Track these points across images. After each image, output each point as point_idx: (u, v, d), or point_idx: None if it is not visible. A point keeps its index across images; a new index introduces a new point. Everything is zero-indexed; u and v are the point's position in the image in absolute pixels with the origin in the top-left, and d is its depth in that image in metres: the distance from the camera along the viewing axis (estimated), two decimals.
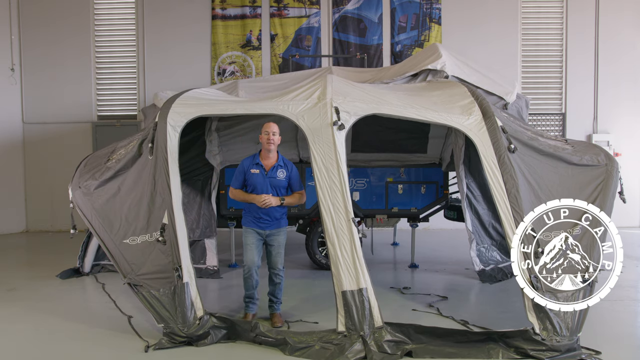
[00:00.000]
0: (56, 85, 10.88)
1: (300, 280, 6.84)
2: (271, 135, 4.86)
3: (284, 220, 5.05)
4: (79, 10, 10.88)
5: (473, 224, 6.76)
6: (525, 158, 4.82)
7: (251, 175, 4.89)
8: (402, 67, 7.27)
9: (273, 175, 4.89)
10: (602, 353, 4.18)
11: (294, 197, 5.00)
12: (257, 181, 4.87)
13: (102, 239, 5.00)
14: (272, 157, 4.93)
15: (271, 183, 4.88)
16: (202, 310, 4.55)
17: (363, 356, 4.15)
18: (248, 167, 4.91)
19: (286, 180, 4.94)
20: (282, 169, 4.92)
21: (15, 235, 10.58)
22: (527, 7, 10.93)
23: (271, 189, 4.88)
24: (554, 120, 10.95)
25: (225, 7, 10.81)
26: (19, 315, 5.36)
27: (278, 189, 4.91)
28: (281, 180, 4.91)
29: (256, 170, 4.88)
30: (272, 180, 4.89)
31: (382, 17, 10.81)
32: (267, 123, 4.91)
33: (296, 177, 5.01)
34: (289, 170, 4.97)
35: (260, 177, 4.87)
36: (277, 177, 4.89)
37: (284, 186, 4.94)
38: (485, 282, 6.52)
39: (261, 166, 4.90)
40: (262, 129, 4.90)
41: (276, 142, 4.89)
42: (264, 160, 4.94)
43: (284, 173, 4.93)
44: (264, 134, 4.88)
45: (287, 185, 4.97)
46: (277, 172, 4.90)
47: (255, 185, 4.88)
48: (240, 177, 4.95)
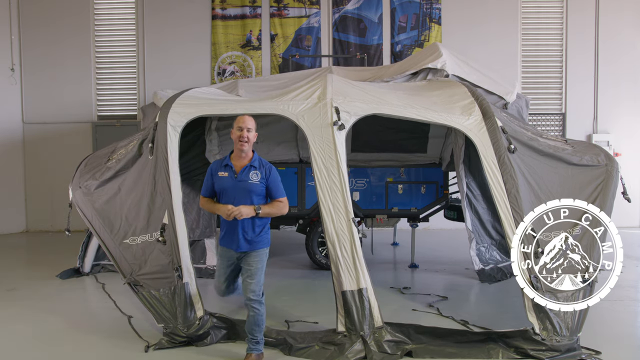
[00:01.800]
0: (56, 85, 10.88)
1: (300, 280, 6.84)
2: (245, 131, 4.03)
3: (264, 238, 4.10)
4: (79, 10, 10.88)
5: (473, 224, 6.76)
6: (525, 158, 4.83)
7: (219, 179, 4.05)
8: (403, 66, 7.28)
9: (244, 178, 4.00)
10: (602, 353, 4.18)
11: (273, 206, 4.07)
12: (225, 186, 4.02)
13: (103, 239, 5.01)
14: (245, 157, 4.08)
15: (241, 188, 3.99)
16: (202, 310, 4.55)
17: (363, 356, 4.15)
18: (216, 170, 4.11)
19: (262, 185, 4.03)
20: (255, 171, 4.03)
21: (15, 235, 10.58)
22: (527, 7, 10.93)
23: (243, 196, 3.98)
24: (554, 120, 10.95)
25: (225, 7, 10.81)
26: (19, 315, 5.36)
27: (251, 196, 3.99)
28: (255, 185, 4.00)
29: (224, 172, 4.05)
30: (243, 185, 3.99)
31: (382, 17, 10.81)
32: (241, 117, 4.13)
33: (276, 181, 4.10)
34: (266, 173, 4.07)
35: (228, 181, 4.02)
36: (249, 181, 3.99)
37: (259, 193, 4.03)
38: (485, 282, 6.53)
39: (231, 168, 4.06)
40: (235, 123, 4.08)
41: (251, 140, 4.07)
42: (236, 160, 4.09)
43: (258, 176, 4.03)
44: (236, 130, 4.05)
45: (263, 191, 4.06)
46: (250, 174, 4.01)
47: (223, 191, 4.04)
48: (209, 182, 4.14)
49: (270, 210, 4.05)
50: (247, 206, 3.93)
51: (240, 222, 3.97)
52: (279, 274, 7.09)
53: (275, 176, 4.11)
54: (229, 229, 4.05)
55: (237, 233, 4.00)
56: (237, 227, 3.99)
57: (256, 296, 3.99)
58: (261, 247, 4.08)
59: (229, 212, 3.88)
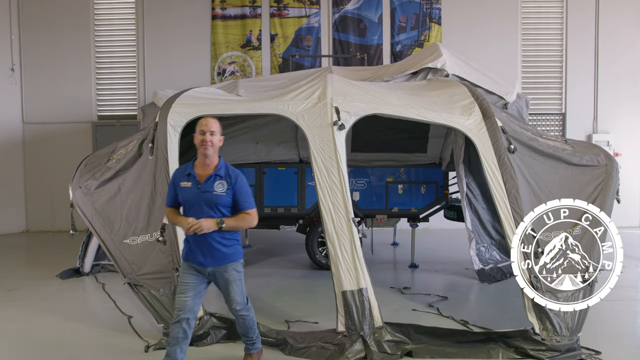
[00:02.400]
0: (56, 85, 10.88)
1: (300, 280, 6.85)
2: (208, 135, 3.63)
3: (234, 251, 3.74)
4: (79, 10, 10.87)
5: (473, 223, 6.76)
6: (525, 158, 4.83)
7: (182, 190, 3.70)
8: (403, 65, 7.27)
9: (208, 188, 3.64)
10: (602, 353, 4.18)
11: (240, 219, 3.68)
12: (188, 197, 3.68)
13: (103, 239, 5.01)
14: (209, 164, 3.70)
15: (206, 200, 3.63)
16: (202, 310, 4.55)
17: (363, 356, 4.15)
18: (178, 180, 3.75)
19: (228, 196, 3.66)
20: (221, 181, 3.66)
21: (15, 235, 10.58)
22: (527, 7, 10.93)
23: (207, 209, 3.64)
24: (554, 120, 10.95)
25: (225, 7, 10.81)
26: (19, 315, 5.37)
27: (216, 208, 3.64)
28: (220, 196, 3.64)
29: (187, 182, 3.69)
30: (208, 196, 3.63)
31: (382, 17, 10.81)
32: (204, 119, 3.76)
33: (243, 191, 3.72)
34: (233, 182, 3.68)
35: (192, 192, 3.66)
36: (213, 192, 3.64)
37: (225, 204, 3.66)
38: (484, 282, 6.53)
39: (194, 177, 3.69)
40: (197, 126, 3.69)
41: (216, 145, 3.68)
42: (199, 169, 3.72)
43: (224, 186, 3.65)
44: (199, 134, 3.65)
45: (230, 202, 3.69)
46: (215, 184, 3.65)
47: (187, 203, 3.70)
48: (172, 193, 3.78)
49: (236, 223, 3.68)
50: (209, 219, 3.58)
51: (209, 235, 3.61)
52: (279, 274, 7.09)
53: (242, 185, 3.73)
54: (195, 243, 3.67)
55: (206, 247, 3.65)
56: (205, 240, 3.62)
57: (242, 306, 3.81)
58: (233, 260, 3.74)
59: (188, 226, 3.54)
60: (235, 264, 3.77)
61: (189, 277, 3.73)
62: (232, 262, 3.74)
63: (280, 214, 7.29)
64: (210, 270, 3.71)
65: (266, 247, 8.81)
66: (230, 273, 3.73)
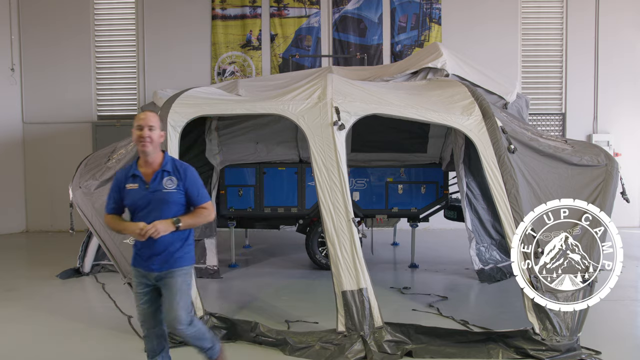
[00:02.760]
0: (56, 85, 10.88)
1: (300, 280, 6.85)
2: (146, 130, 3.29)
3: (186, 254, 3.42)
4: (79, 10, 10.87)
5: (473, 223, 6.77)
6: (525, 158, 4.83)
7: (128, 193, 3.35)
8: (403, 65, 7.27)
9: (157, 187, 3.32)
10: (602, 353, 4.18)
11: (196, 214, 3.39)
12: (136, 200, 3.33)
13: (103, 239, 5.01)
14: (152, 161, 3.37)
15: (157, 200, 3.31)
16: (202, 310, 4.55)
17: (363, 356, 4.15)
18: (123, 182, 3.39)
19: (179, 192, 3.35)
20: (170, 176, 3.34)
21: (15, 235, 10.58)
22: (527, 7, 10.92)
23: (160, 209, 3.30)
24: (554, 120, 10.95)
25: (225, 7, 10.81)
26: (19, 315, 5.37)
27: (170, 208, 3.33)
28: (171, 193, 3.32)
29: (133, 184, 3.35)
30: (158, 195, 3.31)
31: (382, 17, 10.81)
32: (142, 112, 3.46)
33: (195, 184, 3.41)
34: (183, 176, 3.38)
35: (140, 193, 3.33)
36: (163, 190, 3.31)
37: (178, 201, 3.35)
38: (484, 282, 6.52)
39: (139, 177, 3.36)
40: (134, 121, 3.36)
41: (156, 140, 3.33)
42: (144, 167, 3.38)
43: (174, 182, 3.34)
44: (135, 129, 3.32)
45: (183, 199, 3.38)
46: (163, 181, 3.33)
47: (136, 206, 3.34)
48: (115, 196, 3.42)
49: (194, 220, 3.37)
50: (164, 221, 3.24)
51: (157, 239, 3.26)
52: (279, 274, 7.10)
53: (193, 178, 3.42)
54: (142, 247, 3.34)
55: (153, 250, 3.32)
56: (153, 243, 3.28)
57: (184, 325, 3.29)
58: (184, 265, 3.39)
59: (141, 232, 3.17)
60: (185, 269, 3.39)
61: (140, 286, 3.41)
62: (181, 266, 3.36)
63: (280, 214, 7.30)
64: (156, 276, 3.35)
65: (266, 247, 8.82)
66: (176, 280, 3.33)
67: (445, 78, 6.40)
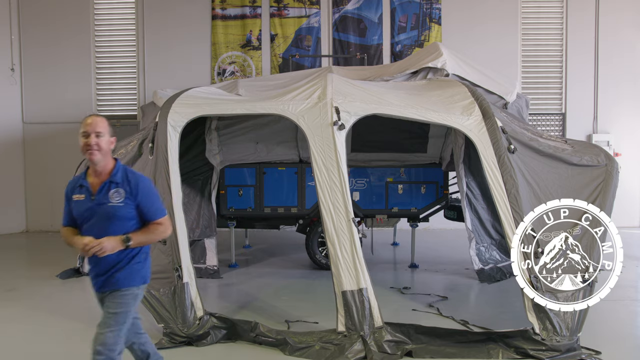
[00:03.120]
0: (56, 85, 10.88)
1: (300, 280, 6.85)
2: (92, 137, 2.97)
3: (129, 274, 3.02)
4: (79, 10, 10.87)
5: (473, 223, 6.77)
6: (525, 159, 4.83)
7: (75, 204, 3.03)
8: (403, 65, 7.27)
9: (102, 199, 2.97)
10: (602, 353, 4.18)
11: (150, 231, 3.03)
12: (82, 212, 3.01)
13: None
14: (101, 170, 3.03)
15: (102, 214, 2.96)
16: (202, 310, 4.55)
17: (363, 356, 4.15)
18: (71, 192, 3.08)
19: (128, 206, 2.98)
20: (117, 188, 2.98)
21: (15, 235, 10.58)
22: (527, 7, 10.92)
23: (106, 224, 2.96)
24: (554, 120, 10.95)
25: (225, 7, 10.81)
26: (19, 315, 5.37)
27: (117, 223, 2.97)
28: (118, 207, 2.96)
29: (80, 195, 3.02)
30: (103, 209, 2.96)
31: (382, 17, 10.81)
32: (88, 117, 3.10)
33: (149, 197, 3.05)
34: (133, 188, 3.00)
35: (85, 205, 3.00)
36: (108, 203, 2.95)
37: (127, 217, 2.99)
38: (484, 282, 6.52)
39: (86, 188, 3.03)
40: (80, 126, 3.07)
41: (104, 148, 3.00)
42: (92, 177, 3.05)
43: (121, 195, 2.97)
44: (81, 136, 3.02)
45: (132, 213, 3.00)
46: (110, 193, 2.97)
47: (82, 219, 3.02)
48: (66, 207, 3.11)
49: (146, 237, 3.02)
50: (112, 238, 2.90)
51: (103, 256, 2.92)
52: (279, 274, 7.10)
53: (146, 191, 3.05)
54: (91, 263, 3.03)
55: (98, 269, 3.00)
56: (99, 261, 2.96)
57: (108, 351, 2.88)
58: (128, 285, 3.00)
59: (86, 247, 2.85)
60: (128, 291, 3.00)
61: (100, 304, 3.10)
62: (124, 287, 2.99)
63: (280, 214, 7.29)
64: (99, 296, 3.06)
65: (266, 247, 8.82)
66: (119, 302, 2.97)
67: (445, 78, 6.40)
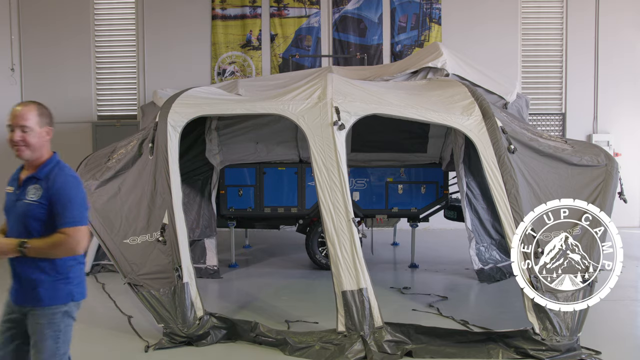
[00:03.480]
0: (56, 85, 10.87)
1: (300, 280, 6.85)
2: (17, 132, 2.64)
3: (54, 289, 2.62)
4: (79, 10, 10.87)
5: (473, 223, 6.76)
6: (525, 159, 4.83)
7: (6, 197, 2.78)
8: (403, 64, 7.28)
9: (21, 195, 2.67)
10: (602, 353, 4.18)
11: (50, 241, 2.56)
12: (7, 205, 2.75)
13: (103, 239, 5.01)
14: (31, 165, 2.74)
15: (19, 209, 2.65)
16: (202, 310, 4.55)
17: (363, 356, 4.15)
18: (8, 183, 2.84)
19: (41, 206, 2.60)
20: (35, 185, 2.64)
21: None
22: (527, 7, 10.92)
23: (18, 222, 2.65)
24: (554, 120, 10.94)
25: (225, 7, 10.80)
26: None
27: (28, 223, 2.62)
28: (31, 205, 2.61)
29: (10, 187, 2.77)
30: (20, 205, 2.65)
31: (382, 17, 10.80)
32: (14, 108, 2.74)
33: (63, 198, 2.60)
34: (50, 187, 2.62)
35: (10, 199, 2.74)
36: (25, 199, 2.63)
37: (38, 217, 2.61)
38: (484, 282, 6.53)
39: (16, 181, 2.77)
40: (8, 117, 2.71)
41: (33, 143, 2.67)
42: (26, 169, 2.79)
43: (38, 192, 2.62)
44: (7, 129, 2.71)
45: (44, 215, 2.61)
46: (28, 189, 2.65)
47: (6, 213, 2.76)
48: None
49: (43, 246, 2.55)
50: (8, 240, 2.58)
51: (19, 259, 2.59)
52: (279, 274, 7.10)
53: (62, 191, 2.60)
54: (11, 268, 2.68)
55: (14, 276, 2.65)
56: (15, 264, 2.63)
57: None
58: (54, 303, 2.61)
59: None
60: (56, 309, 2.61)
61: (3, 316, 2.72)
62: (50, 305, 2.60)
63: (280, 214, 7.29)
64: (24, 311, 2.65)
65: (266, 247, 8.82)
66: (43, 324, 2.59)
67: (446, 78, 6.40)
